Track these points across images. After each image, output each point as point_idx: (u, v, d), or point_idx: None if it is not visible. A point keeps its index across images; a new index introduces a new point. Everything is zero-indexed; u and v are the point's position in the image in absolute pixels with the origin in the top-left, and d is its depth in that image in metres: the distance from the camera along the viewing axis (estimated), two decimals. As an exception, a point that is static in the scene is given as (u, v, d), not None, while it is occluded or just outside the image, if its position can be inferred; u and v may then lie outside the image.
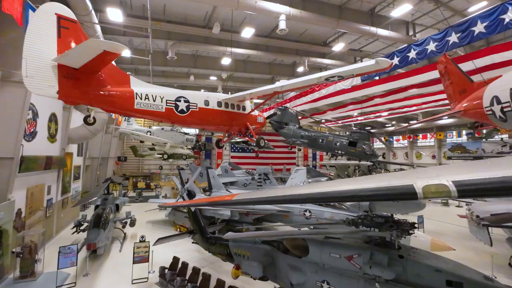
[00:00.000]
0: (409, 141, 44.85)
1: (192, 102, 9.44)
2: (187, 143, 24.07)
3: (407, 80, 18.91)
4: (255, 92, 9.77)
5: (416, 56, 13.15)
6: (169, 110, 8.82)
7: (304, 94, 23.48)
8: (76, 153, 15.93)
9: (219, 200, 5.81)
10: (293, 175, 18.45)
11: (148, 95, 8.27)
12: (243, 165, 38.51)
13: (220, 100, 10.43)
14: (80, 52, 5.85)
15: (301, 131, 22.40)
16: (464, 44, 11.34)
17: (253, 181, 26.13)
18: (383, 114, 36.20)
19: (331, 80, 8.45)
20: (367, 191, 3.94)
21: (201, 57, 21.76)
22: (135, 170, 40.19)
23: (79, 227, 11.52)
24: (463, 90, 10.52)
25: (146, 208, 17.93)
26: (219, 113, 10.32)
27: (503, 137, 30.68)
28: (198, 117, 9.66)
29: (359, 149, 19.62)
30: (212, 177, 19.76)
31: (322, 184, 5.03)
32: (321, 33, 18.37)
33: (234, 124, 11.05)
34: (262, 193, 5.38)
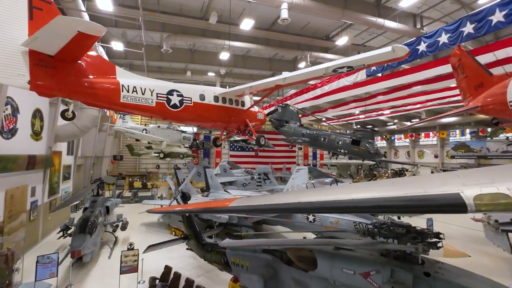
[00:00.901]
0: (411, 139, 44.10)
1: (186, 96, 8.61)
2: (184, 141, 23.24)
3: (411, 77, 18.11)
4: (255, 85, 8.94)
5: (426, 49, 12.32)
6: (160, 104, 7.99)
7: (306, 91, 22.69)
8: (65, 151, 15.09)
9: (214, 206, 5.01)
10: (294, 175, 17.69)
11: (136, 87, 7.44)
12: (242, 164, 37.74)
13: (217, 94, 9.61)
14: (49, 33, 5.00)
15: (302, 129, 21.61)
16: (480, 35, 10.51)
17: (253, 181, 25.41)
18: (385, 112, 35.43)
19: (339, 72, 7.64)
20: (397, 200, 3.14)
21: (199, 52, 20.90)
22: (132, 169, 39.33)
23: (66, 231, 10.72)
24: (480, 84, 9.73)
25: (141, 209, 17.12)
26: (216, 109, 9.49)
27: (508, 136, 29.96)
28: (192, 113, 8.84)
29: (363, 148, 18.85)
30: (209, 177, 18.98)
31: (334, 190, 4.20)
32: (324, 26, 17.54)
33: (232, 120, 10.23)
34: (263, 199, 4.57)
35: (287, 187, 16.53)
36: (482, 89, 9.62)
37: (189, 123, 9.70)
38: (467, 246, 11.69)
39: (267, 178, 21.90)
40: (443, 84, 21.78)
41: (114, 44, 15.19)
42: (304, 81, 8.43)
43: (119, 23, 14.74)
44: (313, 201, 3.74)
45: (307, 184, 11.37)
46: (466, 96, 10.86)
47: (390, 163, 33.09)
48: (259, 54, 21.74)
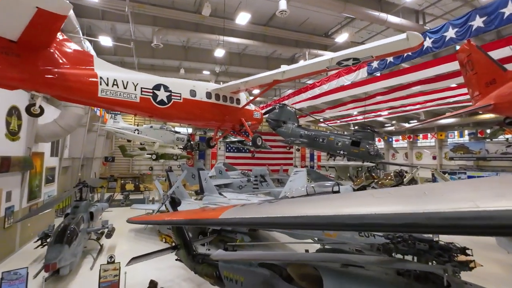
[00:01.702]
0: (409, 141, 43.73)
1: (174, 91, 7.80)
2: (178, 142, 22.35)
3: (410, 76, 17.55)
4: (251, 80, 8.17)
5: (432, 44, 11.69)
6: (145, 100, 7.17)
7: (304, 90, 22.01)
8: (49, 153, 14.13)
9: (201, 218, 4.23)
10: (292, 177, 16.96)
11: (117, 80, 6.61)
12: (238, 166, 36.89)
13: (209, 90, 8.82)
14: (2, 10, 4.16)
15: (301, 130, 20.91)
16: (490, 29, 9.89)
17: (249, 183, 24.60)
18: (383, 113, 34.98)
19: (344, 65, 6.89)
20: (438, 218, 2.39)
21: (192, 49, 20.08)
22: (125, 171, 38.24)
23: (45, 240, 9.78)
24: (491, 81, 9.08)
25: (132, 213, 16.23)
26: (208, 106, 8.70)
27: (508, 137, 29.62)
28: (182, 110, 8.03)
29: (363, 149, 18.18)
30: (204, 180, 18.14)
31: (345, 201, 3.43)
32: (323, 22, 16.89)
33: (226, 119, 9.44)
34: (258, 209, 3.77)
35: (285, 190, 15.77)
36: (494, 86, 8.97)
37: (178, 121, 8.88)
38: (478, 254, 10.99)
39: (264, 180, 21.13)
40: (443, 84, 21.33)
41: (102, 38, 14.33)
42: (305, 75, 7.68)
43: (106, 15, 13.86)
44: (322, 215, 2.97)
45: (306, 187, 10.61)
46: (475, 94, 10.22)
47: (389, 164, 32.54)
48: (256, 52, 21.01)
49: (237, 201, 13.65)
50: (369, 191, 3.82)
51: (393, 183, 13.22)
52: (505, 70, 8.64)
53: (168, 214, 5.53)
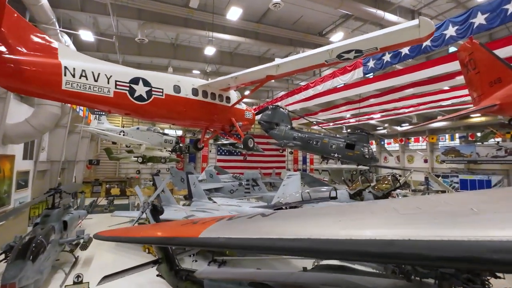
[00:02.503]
0: (401, 144, 43.80)
1: (155, 86, 6.94)
2: (166, 144, 21.31)
3: (405, 78, 17.21)
4: (242, 75, 7.40)
5: (431, 43, 11.22)
6: (120, 95, 6.28)
7: (297, 91, 21.42)
8: (21, 155, 12.94)
9: (178, 236, 3.39)
10: (285, 181, 16.19)
11: (86, 71, 5.70)
12: (230, 169, 35.92)
13: (196, 87, 7.99)
14: None
15: (294, 132, 20.30)
16: (493, 26, 9.48)
17: (241, 187, 23.71)
18: (375, 116, 34.86)
19: (345, 58, 6.20)
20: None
21: (182, 47, 19.20)
22: (111, 175, 36.68)
23: (10, 253, 8.64)
24: (496, 80, 8.60)
25: (113, 221, 15.08)
26: (194, 104, 7.87)
27: (498, 141, 29.84)
28: (164, 108, 7.17)
29: (358, 152, 17.69)
30: (192, 184, 17.17)
31: (362, 214, 2.66)
32: (318, 21, 16.35)
33: (215, 119, 8.62)
34: (251, 226, 2.97)
35: (277, 194, 15.00)
36: (499, 85, 8.49)
37: (160, 120, 7.99)
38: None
39: (256, 184, 20.32)
40: (436, 86, 21.14)
41: (83, 33, 13.32)
42: (301, 70, 6.95)
43: (86, 6, 12.87)
44: (336, 239, 2.19)
45: (301, 193, 9.87)
46: (477, 94, 9.74)
47: (384, 168, 32.27)
48: (248, 51, 20.31)
49: (227, 207, 12.78)
50: (389, 202, 3.08)
51: (390, 187, 12.65)
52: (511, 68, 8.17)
53: (142, 229, 4.67)
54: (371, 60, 14.13)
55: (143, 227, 4.75)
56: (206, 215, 10.77)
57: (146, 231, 4.21)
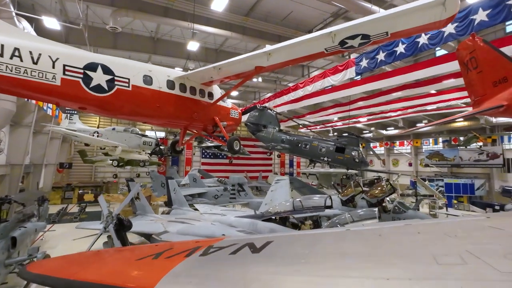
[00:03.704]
0: (386, 147, 44.15)
1: (119, 75, 5.67)
2: (145, 147, 19.71)
3: (393, 80, 16.80)
4: (226, 64, 6.27)
5: (428, 41, 10.66)
6: (70, 83, 4.96)
7: (286, 92, 20.58)
8: (-33, 158, 11.08)
9: (121, 286, 2.20)
10: (273, 186, 15.14)
11: (20, 50, 4.37)
12: (215, 173, 34.49)
13: (172, 78, 6.77)
14: None
15: (282, 134, 19.39)
16: (496, 23, 8.99)
17: (226, 192, 22.45)
18: (362, 119, 34.78)
19: (348, 46, 5.24)
20: None
21: (162, 41, 17.77)
22: (86, 179, 34.22)
23: None
24: (502, 79, 7.99)
25: (83, 232, 13.34)
26: (170, 99, 6.64)
27: (480, 145, 30.43)
28: (130, 102, 5.90)
29: (348, 156, 17.01)
30: (172, 190, 15.73)
31: None
32: (308, 18, 15.55)
33: (195, 117, 7.40)
34: (236, 273, 1.79)
35: (265, 201, 13.90)
36: (505, 84, 7.88)
37: (125, 117, 6.69)
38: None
39: (242, 189, 19.12)
40: (423, 89, 21.02)
41: (46, 19, 11.66)
42: (297, 60, 5.92)
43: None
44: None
45: (293, 202, 8.83)
46: (479, 95, 9.14)
47: (370, 171, 32.03)
48: (235, 48, 19.20)
49: (210, 216, 11.51)
50: (418, 238, 2.09)
51: (384, 193, 11.92)
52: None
53: (85, 263, 3.43)
54: (364, 59, 13.48)
55: (90, 257, 3.55)
56: (185, 227, 9.47)
57: (86, 269, 2.97)
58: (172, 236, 7.99)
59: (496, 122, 29.75)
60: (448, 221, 2.76)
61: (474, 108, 9.58)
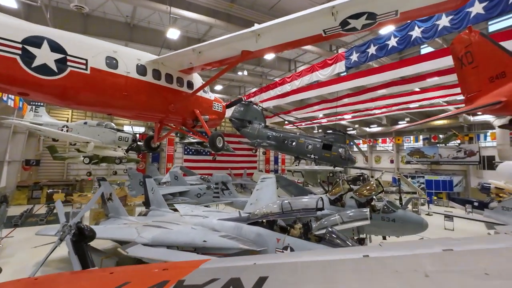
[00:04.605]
0: (369, 145, 44.77)
1: (73, 54, 4.60)
2: (121, 142, 18.24)
3: (379, 77, 16.54)
4: (209, 47, 5.35)
5: (422, 35, 10.24)
6: (2, 61, 3.86)
7: (272, 86, 19.82)
8: None
9: None
10: (259, 185, 14.41)
11: None
12: (198, 170, 33.27)
13: (144, 63, 5.76)
14: None
15: (268, 131, 18.65)
16: (493, 16, 8.64)
17: (209, 191, 21.45)
18: (346, 116, 34.85)
19: (350, 28, 4.50)
20: None
21: (139, 28, 16.27)
22: (58, 177, 31.76)
23: None
24: (500, 74, 7.65)
25: (44, 239, 11.91)
26: (140, 87, 5.63)
27: (459, 143, 31.39)
28: (89, 89, 4.85)
29: (335, 153, 16.56)
30: (150, 190, 14.57)
31: None
32: (297, 8, 14.66)
33: (172, 109, 6.44)
34: None
35: (250, 201, 13.15)
36: (503, 80, 7.53)
37: (83, 107, 5.61)
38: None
39: (226, 188, 18.23)
40: (409, 87, 21.07)
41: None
42: (291, 45, 5.11)
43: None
44: None
45: (281, 204, 8.10)
46: (473, 91, 8.82)
47: (356, 169, 32.17)
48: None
49: (191, 218, 10.57)
50: None
51: (374, 193, 11.50)
52: (521, 60, 7.23)
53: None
54: (355, 53, 12.96)
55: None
56: (161, 233, 8.48)
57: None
58: (140, 250, 6.95)
59: (474, 120, 30.80)
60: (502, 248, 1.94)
61: (467, 105, 9.25)
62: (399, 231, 10.86)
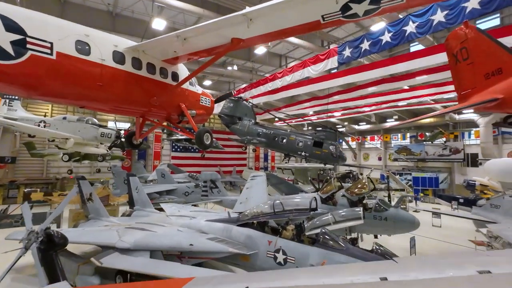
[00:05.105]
0: (358, 142, 45.19)
1: (34, 36, 3.95)
2: (103, 139, 17.29)
3: (370, 73, 16.44)
4: (194, 32, 4.81)
5: (416, 30, 10.00)
6: None
7: (263, 82, 19.33)
8: None
9: None
10: (249, 183, 13.96)
11: None
12: (186, 167, 32.40)
13: (122, 50, 5.16)
14: None
15: (258, 127, 18.23)
16: (489, 11, 8.47)
17: (197, 189, 20.85)
18: (336, 114, 34.92)
19: (350, 14, 4.10)
20: None
21: (122, 17, 15.28)
22: (37, 175, 30.13)
23: None
24: (496, 71, 7.49)
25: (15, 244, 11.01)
26: (117, 77, 5.03)
27: (445, 140, 32.06)
28: (54, 77, 4.21)
29: (326, 151, 16.34)
30: (134, 189, 13.82)
31: None
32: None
33: (154, 103, 5.86)
34: None
35: (240, 199, 12.69)
36: (499, 77, 7.38)
37: (49, 98, 4.96)
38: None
39: (215, 186, 17.67)
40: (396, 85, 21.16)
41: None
42: (285, 32, 4.64)
43: None
44: None
45: (273, 204, 7.68)
46: (467, 88, 8.66)
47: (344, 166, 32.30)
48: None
49: (177, 219, 9.99)
50: None
51: (366, 191, 11.30)
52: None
53: None
54: (347, 48, 12.64)
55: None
56: (145, 236, 7.89)
57: None
58: (117, 260, 6.31)
59: (459, 119, 31.50)
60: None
61: (461, 103, 9.09)
62: (391, 229, 10.72)
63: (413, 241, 10.64)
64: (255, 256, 7.19)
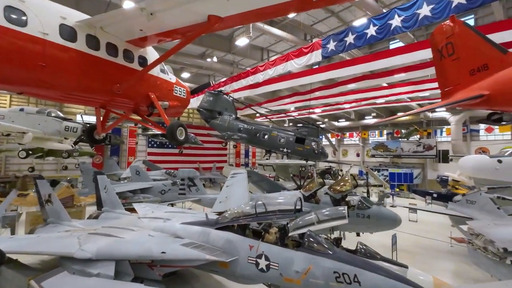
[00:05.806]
0: (337, 139, 45.93)
1: None
2: (68, 133, 15.68)
3: (351, 69, 16.32)
4: (164, 4, 3.98)
5: (402, 24, 9.76)
6: None
7: (244, 75, 18.58)
8: None
9: None
10: (229, 181, 13.29)
11: None
12: (163, 164, 30.91)
13: (71, 24, 4.20)
14: None
15: (239, 123, 17.55)
16: (474, 6, 8.36)
17: (174, 187, 19.73)
18: (317, 110, 35.01)
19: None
20: None
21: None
22: (-6, 173, 27.28)
23: None
24: (481, 67, 7.36)
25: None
26: (66, 57, 4.09)
27: (419, 137, 33.36)
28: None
29: (308, 147, 16.06)
30: (103, 188, 12.56)
31: None
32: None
33: (116, 91, 4.95)
34: None
35: (220, 198, 11.98)
36: (485, 73, 7.26)
37: None
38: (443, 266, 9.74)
39: (193, 184, 16.75)
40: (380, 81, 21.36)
41: None
42: (269, 10, 3.97)
43: None
44: None
45: (255, 205, 7.07)
46: (451, 84, 8.55)
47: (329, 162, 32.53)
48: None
49: (150, 222, 9.07)
50: None
51: (349, 188, 11.06)
52: (505, 52, 6.95)
53: None
54: (332, 41, 12.24)
55: None
56: (110, 243, 6.96)
57: None
58: (60, 284, 5.20)
59: (432, 117, 32.86)
60: None
61: (444, 99, 8.99)
62: (374, 227, 10.57)
63: (394, 239, 10.54)
64: (235, 262, 6.56)
